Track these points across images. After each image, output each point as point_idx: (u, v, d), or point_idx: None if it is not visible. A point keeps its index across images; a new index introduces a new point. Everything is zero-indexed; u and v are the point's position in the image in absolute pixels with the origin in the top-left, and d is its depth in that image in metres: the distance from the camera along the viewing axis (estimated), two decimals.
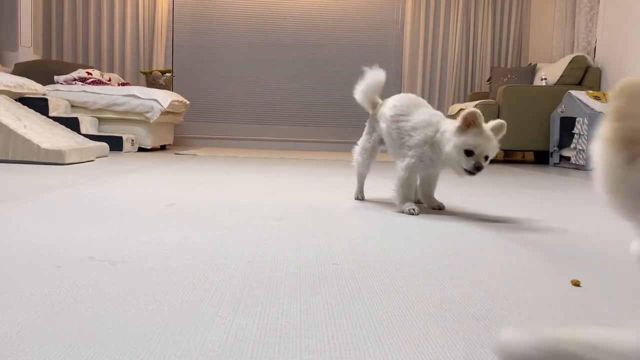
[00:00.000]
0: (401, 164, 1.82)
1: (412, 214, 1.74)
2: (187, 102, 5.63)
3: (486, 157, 1.66)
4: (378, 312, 0.80)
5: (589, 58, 5.05)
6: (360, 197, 2.12)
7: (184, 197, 2.01)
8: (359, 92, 2.07)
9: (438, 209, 1.90)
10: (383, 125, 1.91)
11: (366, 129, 2.08)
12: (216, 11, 6.58)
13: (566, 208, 2.15)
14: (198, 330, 0.71)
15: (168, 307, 0.79)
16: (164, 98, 4.83)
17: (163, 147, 5.56)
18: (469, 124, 1.64)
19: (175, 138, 6.14)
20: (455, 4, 6.54)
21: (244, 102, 6.63)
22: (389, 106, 1.90)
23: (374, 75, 2.04)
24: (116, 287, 0.87)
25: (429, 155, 1.76)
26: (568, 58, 5.08)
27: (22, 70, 4.91)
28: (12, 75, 4.24)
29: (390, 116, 1.86)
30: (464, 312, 0.82)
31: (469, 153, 1.64)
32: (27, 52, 5.53)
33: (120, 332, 0.69)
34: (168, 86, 5.84)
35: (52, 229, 1.32)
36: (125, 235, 1.28)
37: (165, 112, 4.91)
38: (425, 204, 1.95)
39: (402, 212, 1.77)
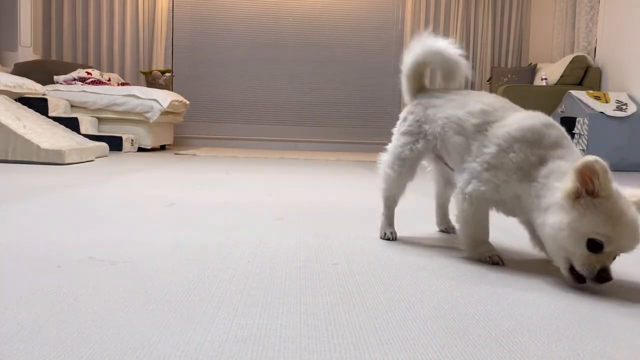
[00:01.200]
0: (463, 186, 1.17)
1: (498, 264, 1.13)
2: (187, 102, 5.63)
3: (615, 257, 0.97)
4: (378, 312, 0.80)
5: (589, 58, 5.05)
6: (390, 234, 1.37)
7: (183, 197, 2.01)
8: (406, 66, 1.42)
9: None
10: (457, 138, 1.22)
11: (403, 128, 1.36)
12: (216, 11, 6.58)
13: None
14: (198, 330, 0.71)
15: (168, 307, 0.79)
16: (164, 98, 4.83)
17: (163, 147, 5.56)
18: (587, 185, 0.93)
19: (175, 138, 6.14)
20: (455, 4, 6.53)
21: (244, 102, 6.63)
22: (469, 110, 1.22)
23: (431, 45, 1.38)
24: (116, 287, 0.87)
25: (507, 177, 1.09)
26: (568, 58, 5.08)
27: (21, 70, 4.90)
28: (11, 75, 4.24)
29: (474, 125, 1.18)
30: (464, 312, 0.81)
31: (594, 246, 0.93)
32: (27, 52, 5.52)
33: (120, 332, 0.69)
34: (168, 86, 5.84)
35: (52, 229, 1.32)
36: (125, 235, 1.28)
37: (165, 112, 4.91)
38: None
39: (481, 260, 1.15)
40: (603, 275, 0.93)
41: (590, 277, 0.94)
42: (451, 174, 1.33)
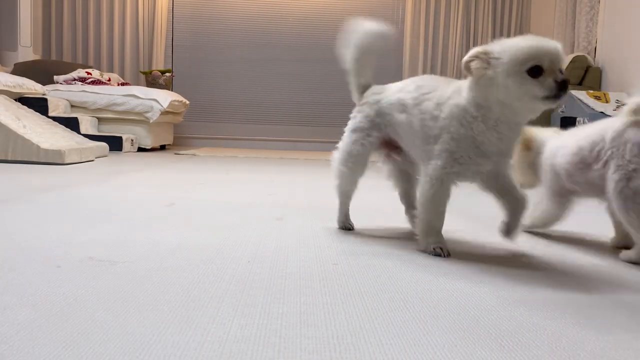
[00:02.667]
0: (425, 172, 1.20)
1: (440, 255, 1.16)
2: (187, 102, 5.63)
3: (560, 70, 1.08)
4: (378, 312, 0.80)
5: (590, 58, 5.05)
6: (346, 225, 1.46)
7: (183, 197, 2.01)
8: (349, 59, 1.45)
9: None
10: (401, 116, 1.28)
11: (354, 125, 1.40)
12: (216, 11, 6.58)
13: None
14: (198, 330, 0.71)
15: (168, 307, 0.79)
16: (164, 98, 4.83)
17: (163, 147, 5.56)
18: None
19: (175, 138, 6.13)
20: (455, 4, 6.53)
21: (244, 102, 6.63)
22: (410, 88, 1.29)
23: (368, 29, 1.41)
24: (116, 287, 0.87)
25: (466, 137, 1.13)
26: (568, 58, 5.08)
27: (21, 70, 4.90)
28: (11, 75, 4.24)
29: (413, 99, 1.25)
30: (464, 312, 0.81)
31: (534, 72, 1.05)
32: (27, 52, 5.52)
33: (120, 332, 0.69)
34: (168, 86, 5.84)
35: (52, 229, 1.32)
36: (125, 235, 1.28)
37: (165, 112, 4.91)
38: (501, 227, 1.28)
39: (426, 251, 1.19)
40: (562, 80, 1.05)
41: (555, 92, 1.06)
42: (410, 167, 1.41)
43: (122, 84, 5.27)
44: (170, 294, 0.85)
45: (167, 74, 5.88)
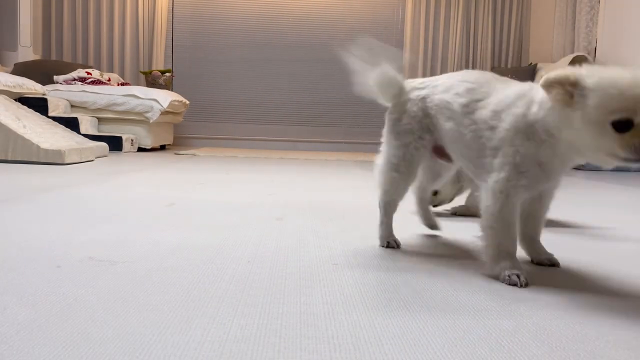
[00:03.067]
0: (487, 187, 1.03)
1: (516, 285, 0.96)
2: (187, 102, 5.63)
3: None
4: (378, 312, 0.80)
5: (590, 58, 5.05)
6: (391, 242, 1.27)
7: (183, 197, 2.01)
8: (373, 83, 1.32)
9: (549, 264, 1.13)
10: (448, 124, 1.13)
11: (391, 134, 1.27)
12: (216, 11, 6.57)
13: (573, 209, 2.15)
14: (198, 330, 0.71)
15: (168, 307, 0.79)
16: (164, 98, 4.83)
17: (163, 147, 5.56)
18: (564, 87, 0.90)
19: (175, 138, 6.13)
20: (455, 4, 6.53)
21: (243, 102, 6.63)
22: (459, 90, 1.12)
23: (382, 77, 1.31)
24: (116, 287, 0.87)
25: (532, 155, 0.98)
26: (568, 58, 5.08)
27: (21, 70, 4.90)
28: (11, 75, 4.24)
29: (462, 105, 1.10)
30: (464, 312, 0.81)
31: (621, 126, 0.85)
32: (27, 51, 5.52)
33: (120, 332, 0.69)
34: (168, 86, 5.83)
35: (52, 229, 1.32)
36: (124, 235, 1.28)
37: (164, 112, 4.91)
38: (526, 253, 1.16)
39: (500, 279, 0.99)
40: None
41: (635, 155, 0.85)
42: (443, 169, 1.32)
43: (122, 84, 5.27)
44: (170, 294, 0.85)
45: (167, 74, 5.88)
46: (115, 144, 4.39)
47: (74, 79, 4.95)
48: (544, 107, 0.95)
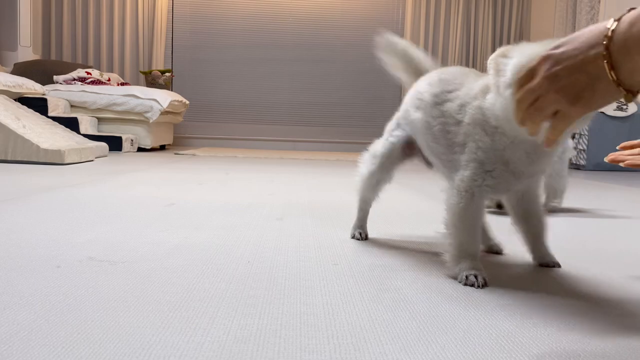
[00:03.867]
0: (452, 185, 1.00)
1: (474, 286, 0.94)
2: (187, 102, 5.63)
3: None
4: (378, 312, 0.80)
5: None
6: (360, 234, 1.33)
7: (183, 197, 2.01)
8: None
9: (552, 266, 1.11)
10: (417, 115, 1.09)
11: (388, 127, 1.27)
12: (216, 11, 6.58)
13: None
14: (197, 330, 0.70)
15: (168, 307, 0.79)
16: (164, 98, 4.83)
17: (162, 147, 5.56)
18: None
19: (175, 138, 6.14)
20: (456, 3, 6.54)
21: (243, 102, 6.63)
22: (429, 81, 1.09)
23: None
24: (116, 287, 0.87)
25: (492, 149, 0.94)
26: None
27: (21, 70, 4.90)
28: (11, 75, 4.24)
29: (433, 95, 1.05)
30: (464, 312, 0.81)
31: None
32: (27, 51, 5.52)
33: (119, 332, 0.69)
34: (168, 86, 5.84)
35: (52, 229, 1.32)
36: (124, 235, 1.28)
37: (164, 112, 4.91)
38: (532, 257, 1.13)
39: (458, 279, 0.97)
40: None
41: None
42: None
43: (122, 84, 5.27)
44: (169, 294, 0.85)
45: (167, 74, 5.88)
46: (115, 144, 4.39)
47: (74, 79, 4.95)
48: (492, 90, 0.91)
